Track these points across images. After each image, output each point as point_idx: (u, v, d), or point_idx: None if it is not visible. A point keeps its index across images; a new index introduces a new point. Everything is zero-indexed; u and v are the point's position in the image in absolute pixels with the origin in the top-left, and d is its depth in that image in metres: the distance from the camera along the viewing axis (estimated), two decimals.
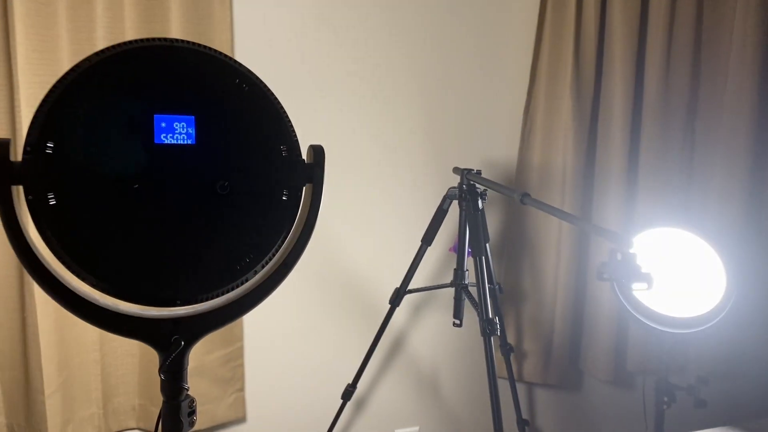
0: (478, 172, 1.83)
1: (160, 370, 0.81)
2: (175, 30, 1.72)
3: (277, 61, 1.92)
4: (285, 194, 0.84)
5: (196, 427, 0.88)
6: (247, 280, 0.84)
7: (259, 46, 1.89)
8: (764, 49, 2.08)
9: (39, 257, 0.74)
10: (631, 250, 1.18)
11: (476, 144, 2.19)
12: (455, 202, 1.88)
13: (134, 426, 1.91)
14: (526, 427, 2.18)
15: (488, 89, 2.18)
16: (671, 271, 1.71)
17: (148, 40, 0.76)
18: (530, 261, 2.24)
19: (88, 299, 0.77)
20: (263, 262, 0.84)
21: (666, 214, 2.15)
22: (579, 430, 2.45)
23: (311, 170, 0.86)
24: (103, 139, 0.74)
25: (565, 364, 2.30)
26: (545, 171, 2.16)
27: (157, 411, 1.84)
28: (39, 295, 1.64)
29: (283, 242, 0.85)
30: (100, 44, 1.64)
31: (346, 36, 1.99)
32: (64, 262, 0.73)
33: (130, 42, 0.75)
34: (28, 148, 0.71)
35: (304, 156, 0.87)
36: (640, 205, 2.17)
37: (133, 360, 1.86)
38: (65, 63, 1.63)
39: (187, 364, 0.84)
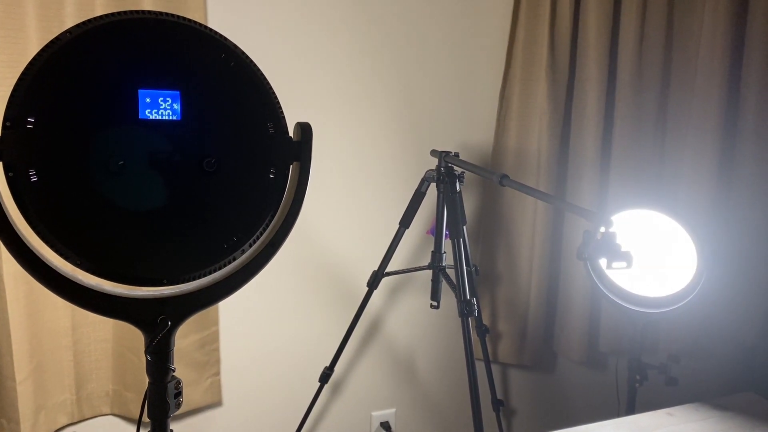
0: (456, 155, 1.83)
1: (147, 351, 0.80)
2: (147, 6, 1.68)
3: (250, 41, 1.88)
4: (272, 172, 0.83)
5: None
6: (234, 260, 0.83)
7: (233, 25, 1.85)
8: (734, 35, 2.12)
9: (20, 236, 0.72)
10: (611, 229, 1.19)
11: (453, 127, 2.19)
12: (433, 185, 1.88)
13: (108, 412, 1.88)
14: (501, 408, 2.21)
15: (465, 72, 2.18)
16: (644, 252, 1.74)
17: (132, 12, 0.73)
18: (505, 244, 2.26)
19: (72, 279, 0.75)
20: (250, 241, 0.83)
21: (638, 196, 2.19)
22: (553, 410, 2.50)
23: (299, 148, 0.85)
24: (86, 114, 0.72)
25: (539, 345, 2.33)
26: (520, 154, 2.18)
27: (132, 396, 1.84)
28: (8, 278, 1.59)
29: (270, 221, 0.84)
30: (70, 22, 1.59)
31: (322, 19, 1.96)
32: (47, 241, 0.71)
33: (114, 14, 0.73)
34: (8, 123, 0.69)
35: (291, 134, 0.86)
36: (612, 188, 2.20)
37: (106, 345, 1.83)
38: (33, 42, 1.57)
39: (173, 345, 0.82)
